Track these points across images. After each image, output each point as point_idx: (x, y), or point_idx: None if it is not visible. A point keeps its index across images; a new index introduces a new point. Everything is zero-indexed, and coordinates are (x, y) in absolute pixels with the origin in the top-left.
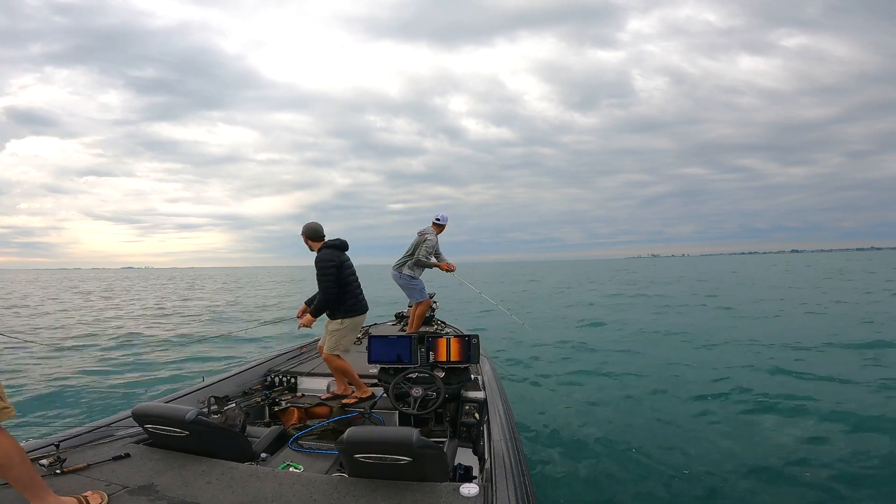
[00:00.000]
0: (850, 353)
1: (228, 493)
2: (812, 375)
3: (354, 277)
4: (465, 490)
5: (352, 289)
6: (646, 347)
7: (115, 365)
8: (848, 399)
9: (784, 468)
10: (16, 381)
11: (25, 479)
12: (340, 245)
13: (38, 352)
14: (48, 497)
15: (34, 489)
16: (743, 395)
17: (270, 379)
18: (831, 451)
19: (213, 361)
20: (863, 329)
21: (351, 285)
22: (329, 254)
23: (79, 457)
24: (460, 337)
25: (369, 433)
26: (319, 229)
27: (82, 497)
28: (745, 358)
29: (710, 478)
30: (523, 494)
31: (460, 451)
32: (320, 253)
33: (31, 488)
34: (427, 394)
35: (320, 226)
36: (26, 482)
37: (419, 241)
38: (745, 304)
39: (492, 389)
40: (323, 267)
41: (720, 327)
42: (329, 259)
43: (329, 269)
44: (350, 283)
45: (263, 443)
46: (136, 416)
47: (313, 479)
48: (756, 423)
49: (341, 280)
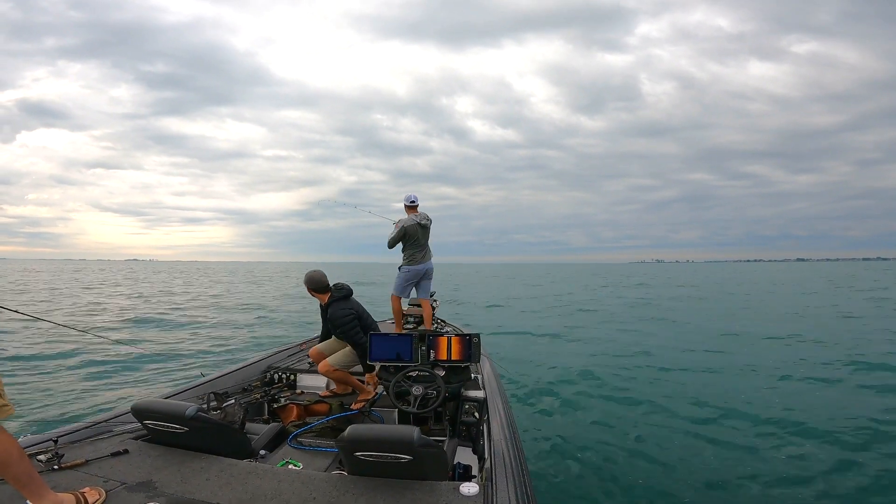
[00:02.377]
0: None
1: (227, 490)
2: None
3: (372, 320)
4: (464, 489)
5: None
6: (666, 350)
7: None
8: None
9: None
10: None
11: (24, 477)
12: (347, 294)
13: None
14: (46, 495)
15: (32, 487)
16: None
17: (270, 376)
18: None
19: (211, 357)
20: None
21: (371, 328)
22: (343, 310)
23: (77, 452)
24: (461, 336)
25: (369, 431)
26: (322, 279)
27: (80, 494)
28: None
29: (710, 478)
30: (523, 493)
31: (460, 450)
32: (333, 310)
33: (28, 486)
34: (427, 392)
35: (323, 274)
36: (25, 480)
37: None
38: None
39: (492, 389)
40: (344, 324)
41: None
42: (346, 315)
43: (352, 323)
44: (370, 326)
45: (263, 440)
46: (135, 412)
47: (312, 476)
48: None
49: (364, 327)
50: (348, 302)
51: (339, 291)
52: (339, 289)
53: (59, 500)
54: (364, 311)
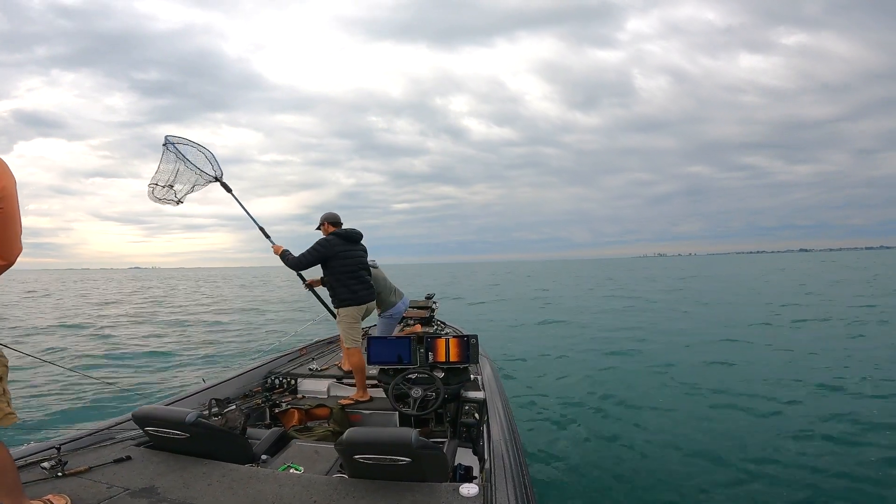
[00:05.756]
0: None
1: (229, 495)
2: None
3: (352, 270)
4: (464, 490)
5: (345, 279)
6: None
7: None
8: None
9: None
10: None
11: (12, 486)
12: (346, 235)
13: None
14: (24, 502)
15: (14, 496)
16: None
17: (271, 381)
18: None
19: (212, 364)
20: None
21: (345, 276)
22: (328, 239)
23: (80, 459)
24: (459, 337)
25: (369, 434)
26: (335, 218)
27: (46, 500)
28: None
29: (711, 479)
30: (523, 495)
31: (460, 452)
32: (325, 237)
33: (11, 494)
34: (427, 394)
35: (338, 216)
36: (12, 488)
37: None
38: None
39: (491, 390)
40: (314, 245)
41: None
42: (322, 243)
43: (316, 249)
44: (344, 273)
45: (264, 444)
46: (136, 419)
47: (314, 480)
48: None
49: (333, 269)
50: (339, 240)
51: (343, 230)
52: (347, 228)
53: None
54: (350, 258)
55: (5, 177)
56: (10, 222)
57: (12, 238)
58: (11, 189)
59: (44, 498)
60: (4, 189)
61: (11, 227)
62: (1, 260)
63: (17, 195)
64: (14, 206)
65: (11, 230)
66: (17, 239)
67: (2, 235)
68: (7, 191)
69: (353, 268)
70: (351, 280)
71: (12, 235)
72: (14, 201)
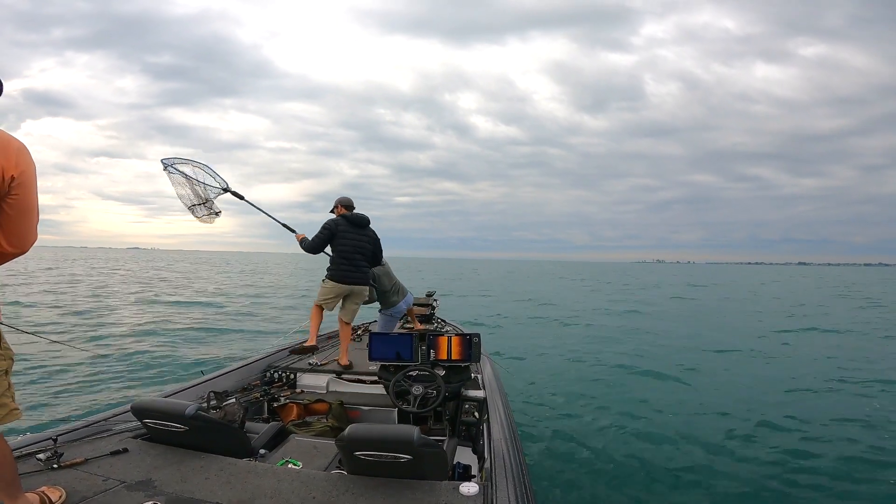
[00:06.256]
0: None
1: (227, 489)
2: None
3: (350, 249)
4: (464, 489)
5: (337, 258)
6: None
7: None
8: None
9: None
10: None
11: (10, 479)
12: (352, 219)
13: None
14: (20, 495)
15: (11, 489)
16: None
17: (270, 375)
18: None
19: (211, 357)
20: None
21: (338, 256)
22: (334, 220)
23: (76, 451)
24: (461, 335)
25: (371, 431)
26: (348, 202)
27: (42, 492)
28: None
29: (711, 479)
30: (523, 494)
31: (460, 450)
32: (332, 218)
33: (10, 487)
34: (427, 392)
35: (350, 200)
36: (9, 482)
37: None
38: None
39: (492, 388)
40: (321, 226)
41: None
42: (328, 223)
43: (323, 230)
44: (339, 253)
45: (262, 439)
46: (134, 411)
47: (312, 475)
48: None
49: (333, 248)
50: (345, 222)
51: (351, 214)
52: (355, 213)
53: (28, 501)
54: (351, 239)
55: (24, 161)
56: (27, 213)
57: (27, 229)
58: (30, 175)
59: (38, 490)
60: (23, 174)
61: (28, 218)
62: (14, 249)
63: (36, 183)
64: (32, 196)
65: (28, 220)
66: (33, 229)
67: (17, 225)
68: (25, 176)
69: (349, 249)
70: (342, 260)
71: (28, 226)
72: (32, 190)
